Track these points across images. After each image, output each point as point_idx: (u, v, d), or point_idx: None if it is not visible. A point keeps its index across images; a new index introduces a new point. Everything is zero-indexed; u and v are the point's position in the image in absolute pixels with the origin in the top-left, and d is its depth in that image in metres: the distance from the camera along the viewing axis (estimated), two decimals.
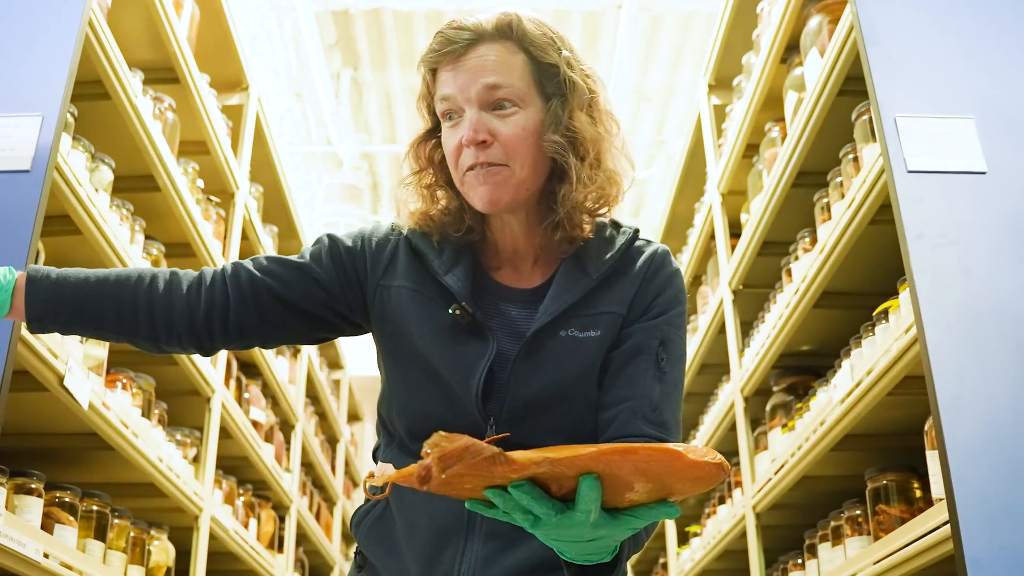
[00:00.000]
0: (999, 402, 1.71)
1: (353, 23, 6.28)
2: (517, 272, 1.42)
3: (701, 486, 1.00)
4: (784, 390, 3.03)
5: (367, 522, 1.41)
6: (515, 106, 1.33)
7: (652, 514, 1.02)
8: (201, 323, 1.39)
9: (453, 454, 0.95)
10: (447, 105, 1.34)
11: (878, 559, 2.10)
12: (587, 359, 1.33)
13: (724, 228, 3.54)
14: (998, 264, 1.82)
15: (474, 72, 1.32)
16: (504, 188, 1.32)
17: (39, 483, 2.11)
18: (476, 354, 1.32)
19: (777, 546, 3.10)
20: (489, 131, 1.31)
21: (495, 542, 1.31)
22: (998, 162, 1.91)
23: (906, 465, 2.23)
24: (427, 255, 1.38)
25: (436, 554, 1.31)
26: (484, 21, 1.35)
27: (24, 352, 1.91)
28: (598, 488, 0.98)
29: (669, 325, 1.37)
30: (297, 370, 4.72)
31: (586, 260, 1.38)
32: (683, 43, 6.33)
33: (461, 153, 1.33)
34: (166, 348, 1.43)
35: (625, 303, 1.37)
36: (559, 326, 1.34)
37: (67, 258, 2.38)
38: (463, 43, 1.33)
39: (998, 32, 2.08)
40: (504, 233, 1.41)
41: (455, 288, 1.34)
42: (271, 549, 4.11)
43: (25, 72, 2.03)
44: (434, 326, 1.34)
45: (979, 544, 1.60)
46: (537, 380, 1.32)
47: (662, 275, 1.40)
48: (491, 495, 1.01)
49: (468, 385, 1.31)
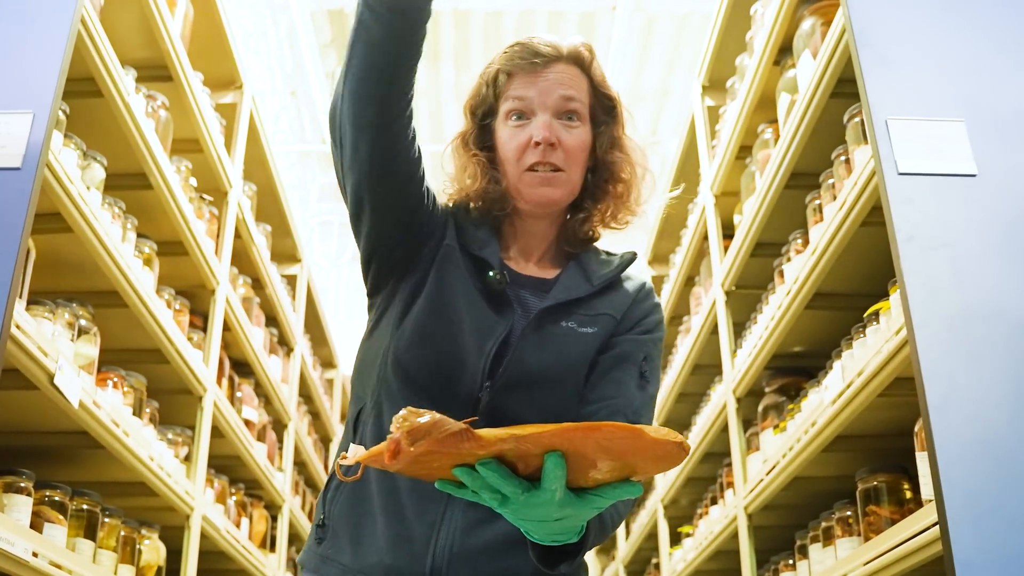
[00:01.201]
0: (988, 404, 1.71)
1: (348, 22, 6.25)
2: (522, 266, 1.55)
3: (663, 465, 1.04)
4: (776, 391, 3.03)
5: (345, 488, 1.44)
6: (580, 121, 1.51)
7: (616, 493, 1.07)
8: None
9: (422, 429, 0.97)
10: (519, 104, 1.50)
11: (868, 560, 2.11)
12: (583, 351, 1.45)
13: (717, 229, 3.55)
14: (988, 266, 1.83)
15: (554, 84, 1.50)
16: (560, 191, 1.49)
17: (28, 482, 2.11)
18: (498, 322, 1.44)
19: (769, 547, 3.11)
20: (557, 136, 1.48)
21: (475, 512, 1.36)
22: (989, 165, 1.92)
23: (897, 466, 2.23)
24: (466, 229, 1.53)
25: (415, 521, 1.36)
26: (563, 46, 1.53)
27: (14, 350, 1.91)
28: (563, 465, 1.02)
29: (653, 346, 1.52)
30: (290, 369, 4.71)
31: (588, 270, 1.53)
32: (677, 44, 6.34)
33: (526, 150, 1.48)
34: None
35: (620, 310, 1.51)
36: (562, 316, 1.46)
37: (58, 256, 2.39)
38: (545, 58, 1.51)
39: (989, 35, 2.08)
40: (525, 232, 1.55)
41: (492, 260, 1.48)
42: (263, 548, 4.10)
43: (16, 69, 2.02)
44: (467, 288, 1.46)
45: (968, 545, 1.60)
46: (538, 356, 1.42)
47: (650, 302, 1.56)
48: (459, 474, 1.04)
49: (484, 345, 1.41)
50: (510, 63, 1.52)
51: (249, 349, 3.81)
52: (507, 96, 1.51)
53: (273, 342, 4.37)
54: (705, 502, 3.94)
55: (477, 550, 1.35)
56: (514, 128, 1.50)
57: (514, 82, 1.51)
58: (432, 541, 1.35)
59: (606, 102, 1.56)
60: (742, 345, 3.23)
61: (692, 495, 4.29)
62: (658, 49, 6.40)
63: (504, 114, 1.52)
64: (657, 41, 6.33)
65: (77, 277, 2.49)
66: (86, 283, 2.51)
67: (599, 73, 1.57)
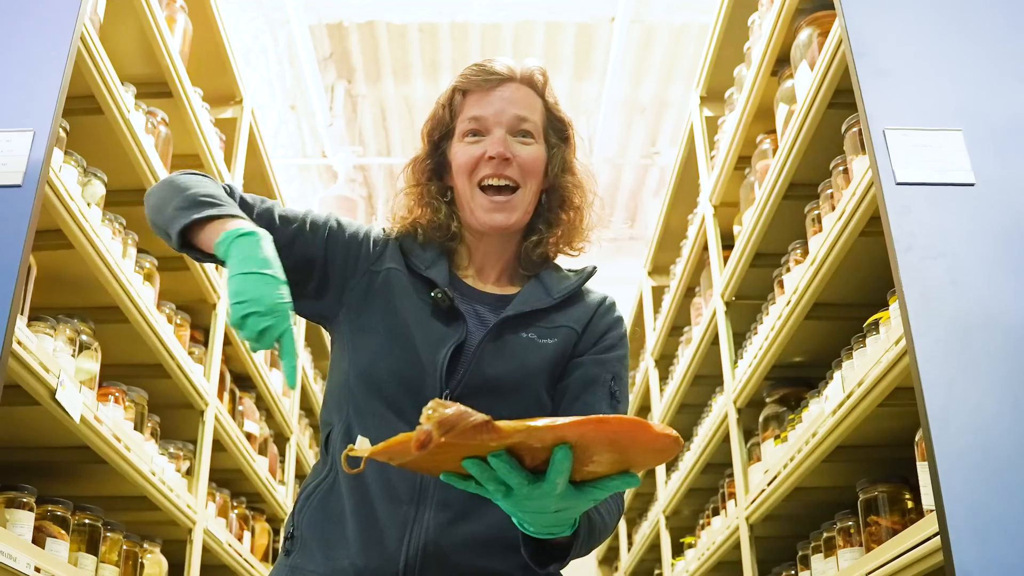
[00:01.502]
0: (989, 413, 1.71)
1: (347, 36, 6.30)
2: (481, 283, 1.58)
3: (660, 458, 1.08)
4: (777, 401, 3.03)
5: (316, 496, 1.45)
6: (533, 139, 1.55)
7: (615, 484, 1.10)
8: None
9: (450, 419, 0.98)
10: (475, 124, 1.54)
11: (870, 570, 2.10)
12: (543, 360, 1.48)
13: (717, 240, 3.55)
14: (987, 275, 1.83)
15: (508, 102, 1.54)
16: (515, 212, 1.52)
17: (30, 497, 2.11)
18: (449, 333, 1.46)
19: (770, 557, 3.10)
20: (512, 152, 1.52)
21: (447, 512, 1.38)
22: (986, 174, 1.92)
23: (898, 476, 2.23)
24: (412, 251, 1.55)
25: (387, 523, 1.37)
26: (516, 68, 1.58)
27: (15, 366, 1.91)
28: (571, 458, 1.05)
29: (619, 363, 1.54)
30: None
31: (548, 284, 1.56)
32: (675, 55, 6.36)
33: (477, 165, 1.52)
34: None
35: (581, 323, 1.54)
36: (521, 327, 1.49)
37: (59, 273, 2.39)
38: (499, 77, 1.55)
39: (985, 44, 2.09)
40: (479, 251, 1.58)
41: (437, 278, 1.50)
42: (265, 562, 4.09)
43: (17, 87, 2.03)
44: (415, 306, 1.49)
45: (969, 555, 1.60)
46: (497, 365, 1.45)
47: (611, 316, 1.58)
48: (469, 466, 1.06)
49: (435, 358, 1.43)
50: (466, 81, 1.57)
51: (250, 363, 3.81)
52: (462, 117, 1.56)
53: (274, 355, 4.37)
54: (707, 513, 3.94)
55: (451, 549, 1.36)
56: (468, 144, 1.54)
57: (469, 100, 1.56)
58: (405, 541, 1.36)
59: (559, 125, 1.61)
60: (743, 356, 3.23)
61: (694, 506, 4.29)
62: (656, 60, 6.42)
63: (460, 134, 1.56)
64: (655, 52, 6.35)
65: (78, 293, 2.50)
66: (87, 299, 2.51)
67: (552, 97, 1.61)
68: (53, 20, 2.11)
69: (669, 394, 4.40)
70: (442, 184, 1.59)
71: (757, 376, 3.02)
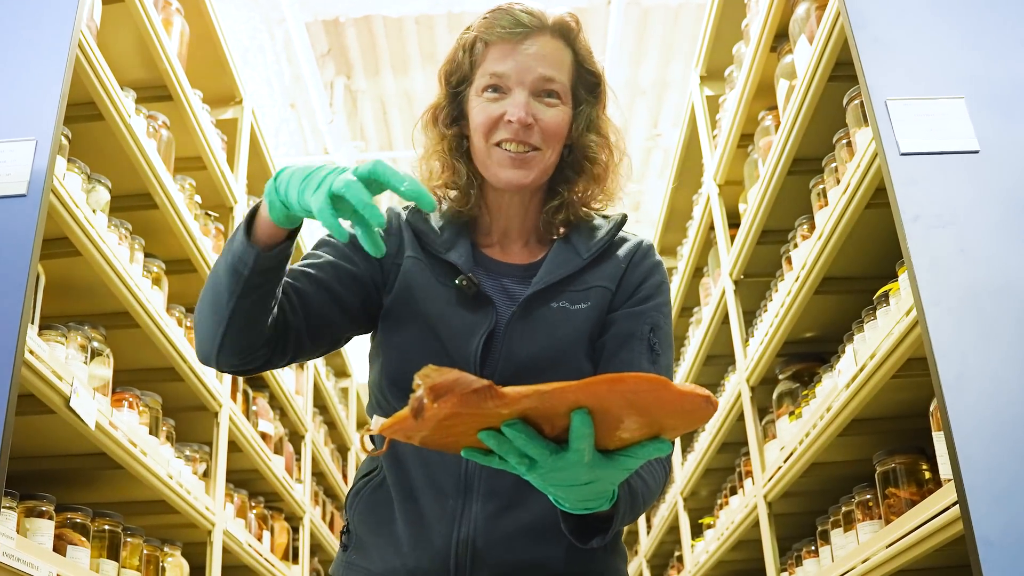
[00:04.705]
0: (1002, 380, 1.70)
1: (344, 31, 6.29)
2: (506, 252, 1.50)
3: (692, 421, 1.00)
4: (790, 377, 3.03)
5: (364, 493, 1.43)
6: (559, 100, 1.44)
7: (645, 451, 1.03)
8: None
9: (444, 385, 0.94)
10: (495, 80, 1.42)
11: (890, 543, 2.10)
12: (578, 329, 1.40)
13: (723, 219, 3.54)
14: (995, 242, 1.82)
15: (534, 59, 1.42)
16: (533, 171, 1.42)
17: (50, 505, 2.12)
18: (478, 320, 1.39)
19: (790, 534, 3.10)
20: (534, 115, 1.41)
21: (495, 502, 1.33)
22: (991, 140, 1.91)
23: (914, 447, 2.23)
24: (427, 235, 1.46)
25: (434, 518, 1.33)
26: (547, 16, 1.44)
27: (28, 375, 1.92)
28: (590, 423, 0.98)
29: (657, 312, 1.44)
30: (304, 380, 4.72)
31: (577, 242, 1.47)
32: (673, 36, 6.33)
33: (497, 126, 1.41)
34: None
35: (614, 280, 1.45)
36: (551, 297, 1.41)
37: (68, 280, 2.40)
38: (526, 28, 1.43)
39: (985, 10, 2.07)
40: (502, 212, 1.49)
41: (459, 263, 1.42)
42: (286, 560, 4.11)
43: (17, 97, 2.03)
44: (438, 295, 1.41)
45: (988, 522, 1.60)
46: (529, 345, 1.37)
47: (647, 263, 1.49)
48: (485, 437, 1.00)
49: (467, 349, 1.37)
50: (489, 31, 1.44)
51: None
52: (483, 70, 1.44)
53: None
54: (724, 492, 3.94)
55: (500, 542, 1.32)
56: (487, 101, 1.43)
57: (491, 53, 1.44)
58: (453, 537, 1.32)
59: (590, 78, 1.49)
60: (753, 334, 3.22)
61: (711, 486, 4.29)
62: (655, 41, 6.39)
63: (479, 88, 1.44)
64: (653, 33, 6.32)
65: (88, 300, 2.50)
66: (97, 305, 2.52)
67: (585, 47, 1.48)
68: (50, 28, 2.10)
69: (682, 375, 4.40)
70: (459, 131, 1.49)
71: (769, 353, 3.02)
